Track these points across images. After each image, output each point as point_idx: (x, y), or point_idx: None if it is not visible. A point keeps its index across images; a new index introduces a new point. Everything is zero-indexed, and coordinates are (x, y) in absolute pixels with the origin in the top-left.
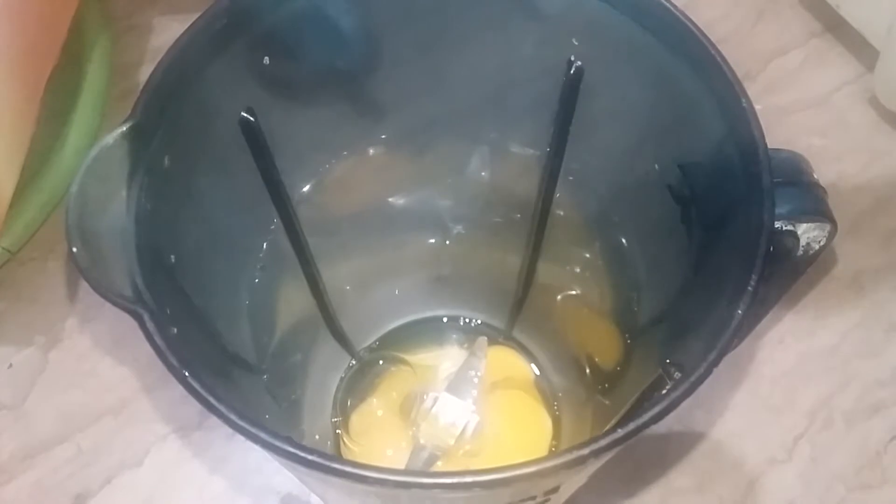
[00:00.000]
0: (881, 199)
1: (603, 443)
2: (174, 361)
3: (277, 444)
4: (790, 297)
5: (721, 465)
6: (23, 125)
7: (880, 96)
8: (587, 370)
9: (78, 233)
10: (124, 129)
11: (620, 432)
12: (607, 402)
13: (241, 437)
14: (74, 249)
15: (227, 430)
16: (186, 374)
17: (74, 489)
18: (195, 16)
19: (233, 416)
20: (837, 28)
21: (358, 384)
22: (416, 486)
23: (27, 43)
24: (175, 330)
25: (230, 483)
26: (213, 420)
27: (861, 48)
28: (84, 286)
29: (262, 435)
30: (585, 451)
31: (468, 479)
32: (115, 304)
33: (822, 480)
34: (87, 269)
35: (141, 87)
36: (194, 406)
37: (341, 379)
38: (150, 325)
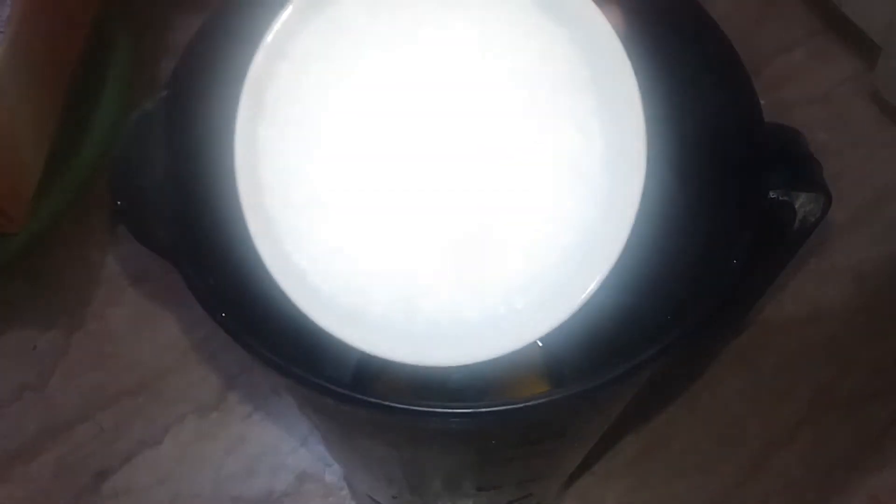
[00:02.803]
0: (882, 191)
1: (605, 378)
2: (210, 302)
3: (309, 377)
4: (793, 287)
5: (725, 447)
6: (48, 114)
7: (882, 91)
8: (591, 349)
9: (122, 189)
10: (163, 94)
11: (621, 368)
12: None
13: (257, 418)
14: (119, 203)
15: (244, 410)
16: (223, 314)
17: (96, 466)
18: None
19: (266, 352)
20: (839, 25)
21: (368, 367)
22: (435, 416)
23: (51, 35)
24: (212, 281)
25: (247, 462)
26: (231, 401)
27: (862, 45)
28: (106, 271)
29: (295, 369)
30: (589, 385)
31: (483, 409)
32: (154, 251)
33: (824, 463)
34: (129, 222)
35: (163, 78)
36: (212, 387)
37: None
38: (189, 271)
